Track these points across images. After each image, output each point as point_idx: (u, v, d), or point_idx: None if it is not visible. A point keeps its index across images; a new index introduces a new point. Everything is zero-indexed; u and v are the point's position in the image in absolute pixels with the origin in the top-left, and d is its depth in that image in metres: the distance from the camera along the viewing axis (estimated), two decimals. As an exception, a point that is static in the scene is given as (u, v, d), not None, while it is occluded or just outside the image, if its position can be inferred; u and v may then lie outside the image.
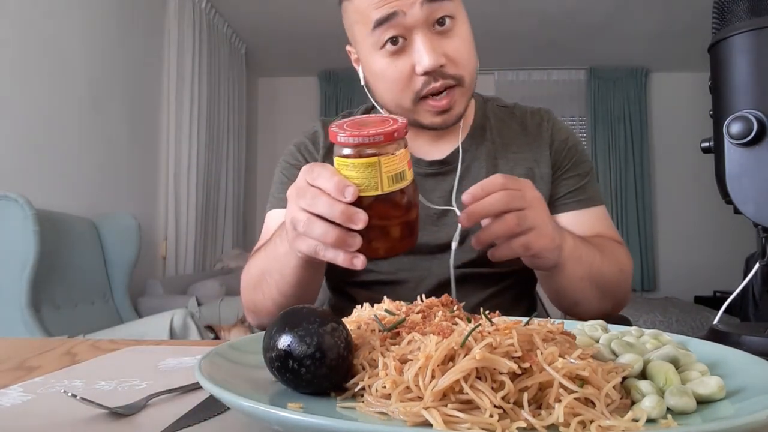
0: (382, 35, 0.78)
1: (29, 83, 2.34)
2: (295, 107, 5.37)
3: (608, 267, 0.80)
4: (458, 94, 0.82)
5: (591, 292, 0.79)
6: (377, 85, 0.85)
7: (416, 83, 0.80)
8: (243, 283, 0.86)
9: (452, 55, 0.80)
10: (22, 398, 0.44)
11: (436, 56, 0.77)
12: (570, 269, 0.73)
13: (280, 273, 0.72)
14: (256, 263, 0.81)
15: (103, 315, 2.39)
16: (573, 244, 0.73)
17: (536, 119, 0.97)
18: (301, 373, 0.35)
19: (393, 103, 0.85)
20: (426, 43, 0.77)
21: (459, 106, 0.84)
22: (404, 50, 0.79)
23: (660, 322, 3.47)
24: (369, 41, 0.80)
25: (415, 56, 0.78)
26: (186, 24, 3.66)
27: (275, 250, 0.72)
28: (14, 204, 1.92)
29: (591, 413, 0.30)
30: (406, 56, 0.79)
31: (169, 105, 3.58)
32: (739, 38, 0.64)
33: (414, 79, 0.80)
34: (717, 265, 4.79)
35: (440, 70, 0.79)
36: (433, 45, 0.78)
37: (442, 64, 0.79)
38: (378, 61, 0.81)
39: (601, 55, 4.94)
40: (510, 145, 0.94)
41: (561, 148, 0.94)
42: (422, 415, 0.29)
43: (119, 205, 2.93)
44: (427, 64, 0.77)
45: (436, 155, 0.92)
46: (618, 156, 5.17)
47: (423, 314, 0.43)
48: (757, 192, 0.62)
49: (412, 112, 0.84)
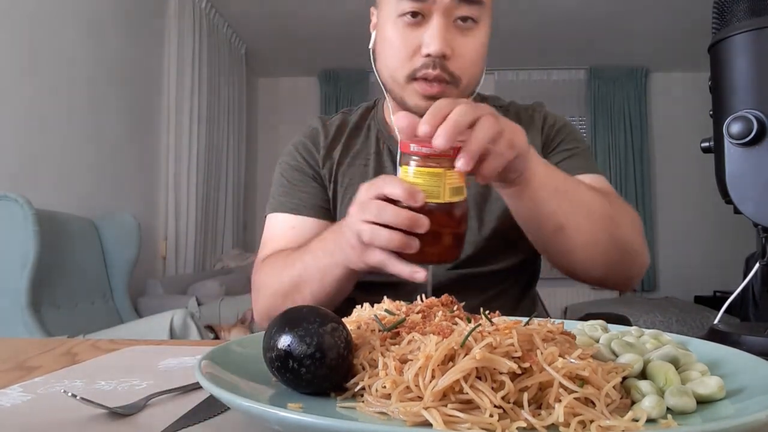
0: (406, 6, 0.80)
1: (30, 84, 2.34)
2: (295, 107, 5.37)
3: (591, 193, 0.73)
4: (451, 92, 0.83)
5: (574, 214, 0.70)
6: (383, 52, 0.87)
7: (416, 61, 0.82)
8: (267, 290, 0.84)
9: (459, 52, 0.82)
10: (22, 398, 0.44)
11: (443, 44, 0.79)
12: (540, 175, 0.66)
13: (320, 283, 0.74)
14: (288, 272, 0.79)
15: (103, 315, 2.39)
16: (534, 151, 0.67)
17: (529, 112, 0.98)
18: (301, 373, 0.35)
19: (389, 74, 0.86)
20: (440, 29, 0.79)
21: None
22: (419, 27, 0.81)
23: (660, 322, 3.47)
24: (392, 5, 0.82)
25: (426, 36, 0.80)
26: (186, 24, 3.66)
27: (317, 262, 0.73)
28: (14, 204, 1.92)
29: (591, 413, 0.30)
30: (419, 33, 0.81)
31: (169, 105, 3.58)
32: (739, 38, 0.64)
33: (416, 57, 0.82)
34: (717, 265, 4.79)
35: (442, 61, 0.81)
36: (446, 34, 0.80)
37: (446, 55, 0.80)
38: (391, 28, 0.83)
39: (601, 55, 4.94)
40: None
41: (550, 131, 0.95)
42: (422, 415, 0.29)
43: (119, 205, 2.93)
44: (433, 48, 0.79)
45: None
46: (618, 156, 5.17)
47: (423, 314, 0.43)
48: (757, 192, 0.62)
49: (402, 89, 0.85)
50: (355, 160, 0.96)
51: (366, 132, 0.99)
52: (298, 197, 0.94)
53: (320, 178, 0.96)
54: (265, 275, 0.85)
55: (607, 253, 0.74)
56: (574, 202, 0.70)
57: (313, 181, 0.95)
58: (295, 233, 0.92)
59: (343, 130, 0.99)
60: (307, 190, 0.95)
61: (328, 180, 0.95)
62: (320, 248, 0.74)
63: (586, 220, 0.71)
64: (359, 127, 1.00)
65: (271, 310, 0.83)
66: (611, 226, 0.74)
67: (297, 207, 0.93)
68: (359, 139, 0.98)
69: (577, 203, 0.71)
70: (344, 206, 0.93)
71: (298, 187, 0.95)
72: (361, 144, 0.98)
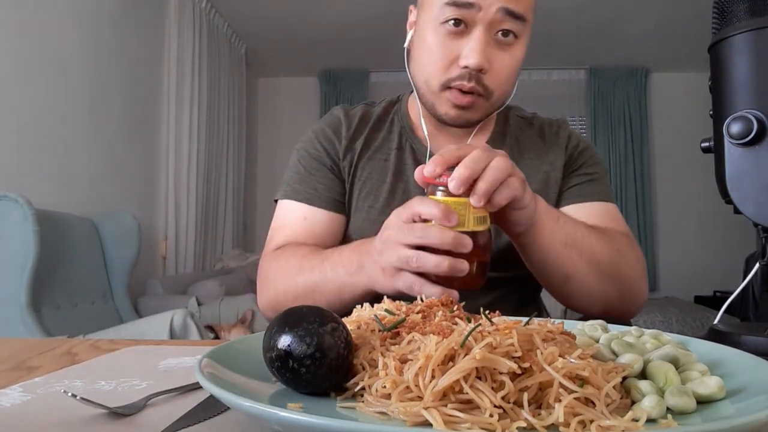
0: (450, 13, 0.80)
1: (29, 83, 2.34)
2: (295, 107, 5.37)
3: (600, 243, 0.75)
4: (481, 104, 0.85)
5: (581, 265, 0.73)
6: (420, 56, 0.87)
7: (453, 72, 0.82)
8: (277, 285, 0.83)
9: (496, 67, 0.82)
10: (22, 398, 0.44)
11: (483, 59, 0.80)
12: (549, 228, 0.69)
13: (338, 296, 0.74)
14: (303, 276, 0.78)
15: (103, 315, 2.39)
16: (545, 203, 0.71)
17: (554, 128, 0.99)
18: (301, 373, 0.35)
19: (423, 79, 0.87)
20: (481, 43, 0.80)
21: (478, 113, 0.86)
22: (460, 37, 0.81)
23: (660, 322, 3.47)
24: (435, 10, 0.82)
25: (465, 48, 0.80)
26: (186, 24, 3.66)
27: (336, 279, 0.73)
28: (14, 204, 1.92)
29: (591, 413, 0.30)
30: (459, 44, 0.81)
31: (169, 105, 3.58)
32: (739, 38, 0.64)
33: (453, 67, 0.82)
34: (717, 265, 4.79)
35: (478, 74, 0.81)
36: (486, 48, 0.80)
37: (484, 69, 0.81)
38: (432, 34, 0.83)
39: (601, 55, 4.94)
40: (527, 152, 0.95)
41: (573, 152, 0.96)
42: (422, 415, 0.29)
43: (119, 205, 2.93)
44: (472, 62, 0.80)
45: None
46: (618, 156, 5.17)
47: (423, 314, 0.43)
48: (757, 192, 0.62)
49: (434, 96, 0.86)
50: (375, 154, 0.94)
51: (389, 126, 0.98)
52: (313, 187, 0.92)
53: (338, 170, 0.94)
54: (278, 269, 0.84)
55: (610, 298, 0.77)
56: (582, 255, 0.73)
57: (330, 172, 0.93)
58: (306, 224, 0.90)
59: (367, 122, 0.97)
60: (324, 181, 0.92)
61: (347, 172, 0.93)
62: (341, 265, 0.73)
63: (592, 271, 0.74)
64: (382, 121, 0.98)
65: (279, 306, 0.82)
66: (616, 273, 0.76)
67: (311, 197, 0.91)
68: (381, 132, 0.97)
69: (584, 256, 0.73)
70: (360, 200, 0.92)
71: (315, 176, 0.93)
72: (382, 138, 0.96)
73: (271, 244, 0.91)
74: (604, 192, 0.93)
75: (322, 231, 0.91)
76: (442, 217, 0.57)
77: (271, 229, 0.93)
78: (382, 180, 0.92)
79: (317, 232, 0.90)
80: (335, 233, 0.92)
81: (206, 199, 3.95)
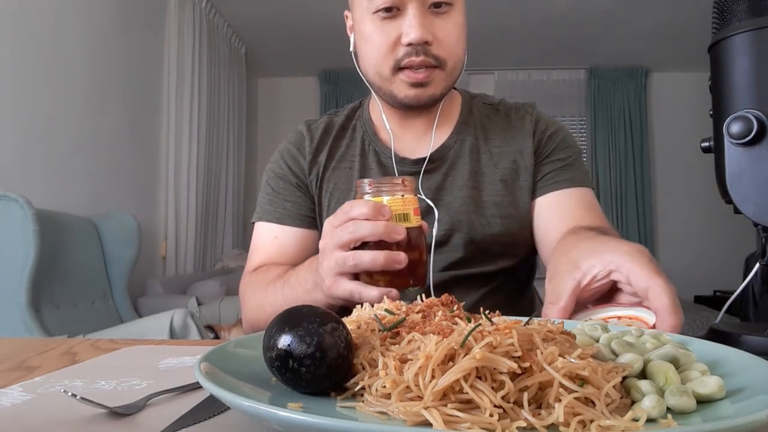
0: (380, 2, 0.81)
1: (29, 83, 2.34)
2: (295, 107, 5.37)
3: None
4: (437, 75, 0.84)
5: None
6: (363, 50, 0.87)
7: (398, 52, 0.82)
8: (250, 309, 0.85)
9: (439, 36, 0.82)
10: (22, 398, 0.44)
11: (424, 31, 0.80)
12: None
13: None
14: (269, 301, 0.79)
15: (103, 315, 2.39)
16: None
17: (520, 113, 0.97)
18: (301, 372, 0.35)
19: (374, 70, 0.86)
20: (417, 17, 0.80)
21: (436, 88, 0.85)
22: (395, 19, 0.82)
23: (660, 322, 3.46)
24: (365, 3, 0.83)
25: (404, 26, 0.81)
26: (186, 24, 3.66)
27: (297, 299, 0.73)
28: (14, 204, 1.92)
29: (591, 413, 0.30)
30: (396, 25, 0.81)
31: (169, 105, 3.58)
32: (739, 38, 0.64)
33: (398, 47, 0.82)
34: (717, 265, 4.79)
35: (424, 47, 0.81)
36: (424, 21, 0.80)
37: (428, 41, 0.81)
38: (368, 25, 0.83)
39: (601, 55, 4.94)
40: (494, 140, 0.94)
41: (542, 137, 0.94)
42: (422, 414, 0.29)
43: (119, 205, 2.93)
44: (413, 37, 0.79)
45: (423, 153, 0.92)
46: (618, 156, 5.17)
47: (423, 314, 0.43)
48: (757, 192, 0.62)
49: (389, 83, 0.85)
50: (340, 163, 0.94)
51: (351, 133, 0.98)
52: (282, 206, 0.94)
53: (305, 186, 0.95)
54: (251, 292, 0.86)
55: None
56: None
57: (297, 189, 0.95)
58: (278, 243, 0.92)
59: (330, 133, 0.97)
60: (292, 198, 0.94)
61: (315, 186, 0.94)
62: (299, 285, 0.74)
63: None
64: (345, 128, 0.98)
65: (256, 327, 0.85)
66: None
67: (281, 217, 0.93)
68: (344, 140, 0.97)
69: None
70: (330, 210, 0.92)
71: (283, 195, 0.94)
72: (346, 146, 0.96)
73: (248, 266, 0.94)
74: (578, 177, 0.90)
75: (294, 249, 0.93)
76: (374, 212, 0.59)
77: (249, 252, 0.96)
78: (349, 188, 0.93)
79: (289, 250, 0.92)
80: (308, 249, 0.94)
81: (206, 199, 3.95)
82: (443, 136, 0.93)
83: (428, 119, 0.93)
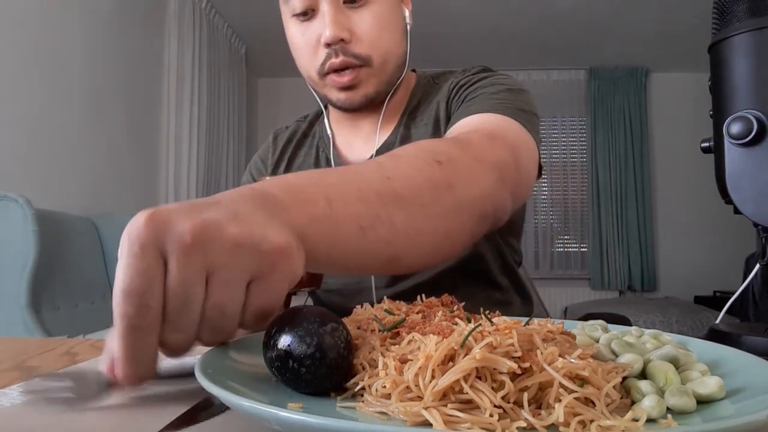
0: (296, 5, 0.78)
1: (29, 83, 2.34)
2: (295, 107, 5.34)
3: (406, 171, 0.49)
4: (364, 74, 0.79)
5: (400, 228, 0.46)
6: (294, 55, 0.84)
7: (320, 55, 0.79)
8: None
9: (358, 32, 0.77)
10: (22, 398, 0.44)
11: (338, 29, 0.75)
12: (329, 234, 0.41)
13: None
14: None
15: (103, 315, 2.39)
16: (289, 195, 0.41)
17: (448, 77, 0.89)
18: (301, 373, 0.35)
19: (306, 75, 0.84)
20: (330, 14, 0.76)
21: (368, 87, 0.80)
22: (312, 21, 0.78)
23: (660, 322, 3.47)
24: (284, 8, 0.81)
25: (320, 26, 0.77)
26: (186, 24, 3.66)
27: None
28: (14, 204, 1.92)
29: (591, 413, 0.30)
30: (314, 26, 0.78)
31: (169, 105, 3.58)
32: (739, 38, 0.64)
33: (319, 50, 0.79)
34: (717, 265, 4.79)
35: (343, 47, 0.77)
36: (338, 18, 0.76)
37: (344, 39, 0.76)
38: (291, 29, 0.81)
39: (601, 55, 4.94)
40: (420, 119, 0.87)
41: (453, 87, 0.84)
42: (422, 415, 0.29)
43: (119, 205, 2.93)
44: (327, 36, 0.76)
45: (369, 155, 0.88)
46: (618, 156, 5.17)
47: (423, 314, 0.43)
48: (757, 192, 0.62)
49: (320, 87, 0.83)
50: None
51: (311, 140, 0.95)
52: None
53: None
54: None
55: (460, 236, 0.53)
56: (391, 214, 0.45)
57: None
58: None
59: (292, 142, 0.95)
60: None
61: None
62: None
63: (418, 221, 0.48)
64: (306, 136, 0.96)
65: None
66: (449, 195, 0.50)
67: None
68: (304, 149, 0.94)
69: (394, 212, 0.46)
70: None
71: None
72: (304, 156, 0.93)
73: None
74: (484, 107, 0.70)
75: None
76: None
77: None
78: None
79: None
80: None
81: (206, 199, 3.94)
82: (387, 132, 0.88)
83: (375, 118, 0.88)
